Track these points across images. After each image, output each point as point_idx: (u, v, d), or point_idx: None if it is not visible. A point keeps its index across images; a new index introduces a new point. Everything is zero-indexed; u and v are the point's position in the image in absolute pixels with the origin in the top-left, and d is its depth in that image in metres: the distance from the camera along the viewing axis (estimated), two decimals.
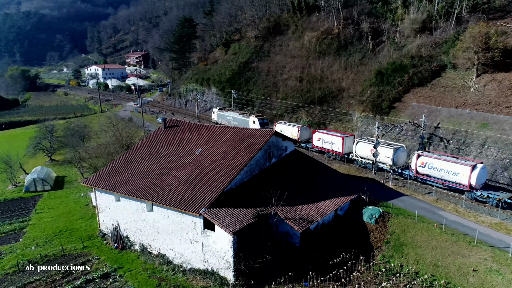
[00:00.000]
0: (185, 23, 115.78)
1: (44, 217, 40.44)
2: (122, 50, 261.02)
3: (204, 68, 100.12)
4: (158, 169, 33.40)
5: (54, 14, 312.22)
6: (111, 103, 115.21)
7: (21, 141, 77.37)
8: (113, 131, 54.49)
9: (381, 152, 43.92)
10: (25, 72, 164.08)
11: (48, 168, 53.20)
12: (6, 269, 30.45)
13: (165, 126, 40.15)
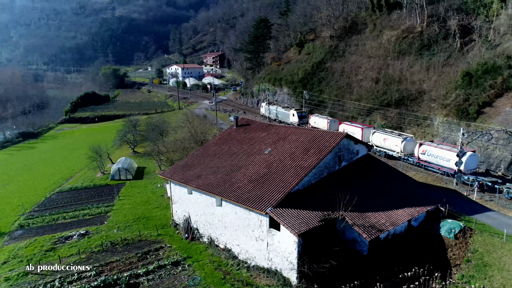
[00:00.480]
0: (261, 23, 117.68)
1: (126, 203, 44.20)
2: (201, 51, 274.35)
3: (277, 68, 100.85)
4: (228, 166, 34.43)
5: (142, 17, 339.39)
6: (188, 101, 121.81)
7: (110, 133, 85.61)
8: (189, 127, 57.55)
9: (391, 141, 49.62)
10: (115, 71, 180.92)
11: (131, 159, 58.06)
12: (92, 247, 33.84)
13: (237, 124, 41.23)
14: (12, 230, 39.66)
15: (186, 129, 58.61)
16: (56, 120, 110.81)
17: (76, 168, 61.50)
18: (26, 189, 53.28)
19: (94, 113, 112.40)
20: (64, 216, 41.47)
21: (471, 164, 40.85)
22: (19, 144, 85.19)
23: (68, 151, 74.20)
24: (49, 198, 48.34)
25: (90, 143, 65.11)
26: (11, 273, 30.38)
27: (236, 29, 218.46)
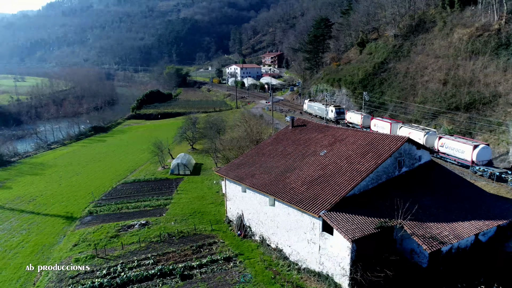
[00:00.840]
0: (321, 23, 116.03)
1: (183, 198, 46.10)
2: (260, 51, 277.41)
3: (336, 69, 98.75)
4: (282, 166, 34.38)
5: (205, 19, 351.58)
6: (246, 100, 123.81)
7: (171, 129, 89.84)
8: (245, 126, 58.42)
9: (415, 135, 52.34)
10: (178, 70, 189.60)
11: (189, 155, 60.44)
12: (151, 237, 35.78)
13: (293, 125, 41.01)
14: (82, 215, 43.27)
15: (242, 128, 59.62)
16: (123, 116, 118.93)
17: (140, 162, 65.46)
18: (95, 178, 57.83)
19: (158, 110, 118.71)
20: (128, 206, 44.31)
21: (483, 156, 45.64)
22: (91, 137, 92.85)
23: (133, 145, 79.26)
24: (115, 188, 51.99)
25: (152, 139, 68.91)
26: (80, 255, 33.16)
27: (296, 28, 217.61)
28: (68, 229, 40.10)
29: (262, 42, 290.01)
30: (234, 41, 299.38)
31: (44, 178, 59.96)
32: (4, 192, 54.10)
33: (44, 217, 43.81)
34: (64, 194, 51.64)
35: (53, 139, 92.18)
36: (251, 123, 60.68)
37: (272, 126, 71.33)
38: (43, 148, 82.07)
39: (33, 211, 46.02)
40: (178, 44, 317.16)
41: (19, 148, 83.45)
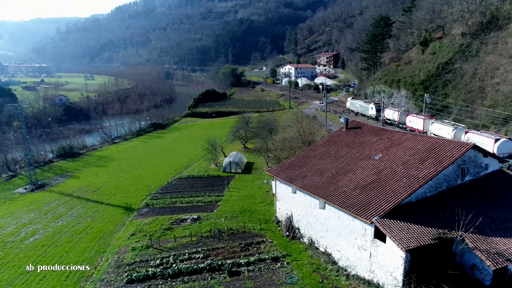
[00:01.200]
0: (380, 21, 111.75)
1: (233, 195, 46.94)
2: (315, 51, 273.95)
3: (395, 69, 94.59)
4: (335, 169, 33.63)
5: (261, 19, 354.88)
6: (299, 101, 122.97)
7: (225, 128, 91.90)
8: (298, 127, 57.99)
9: (444, 130, 58.67)
10: (233, 70, 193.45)
11: (241, 154, 61.39)
12: (202, 232, 36.88)
13: (347, 127, 39.94)
14: (140, 207, 45.79)
15: (294, 128, 59.27)
16: (180, 114, 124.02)
17: (194, 158, 67.80)
18: (153, 172, 60.92)
19: (212, 109, 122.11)
20: (181, 201, 46.09)
21: (504, 149, 48.88)
22: (151, 133, 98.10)
23: (188, 142, 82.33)
24: (170, 183, 54.34)
25: (206, 137, 71.01)
26: (136, 244, 35.12)
27: (354, 28, 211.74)
28: (127, 219, 42.66)
29: (317, 42, 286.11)
30: (289, 41, 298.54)
31: (107, 170, 64.40)
32: (73, 182, 58.95)
33: (106, 207, 47.02)
34: (125, 186, 55.03)
35: (117, 134, 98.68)
36: (303, 124, 60.07)
37: (325, 127, 70.08)
38: (108, 142, 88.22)
39: (97, 200, 49.60)
40: (234, 45, 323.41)
41: (87, 141, 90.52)
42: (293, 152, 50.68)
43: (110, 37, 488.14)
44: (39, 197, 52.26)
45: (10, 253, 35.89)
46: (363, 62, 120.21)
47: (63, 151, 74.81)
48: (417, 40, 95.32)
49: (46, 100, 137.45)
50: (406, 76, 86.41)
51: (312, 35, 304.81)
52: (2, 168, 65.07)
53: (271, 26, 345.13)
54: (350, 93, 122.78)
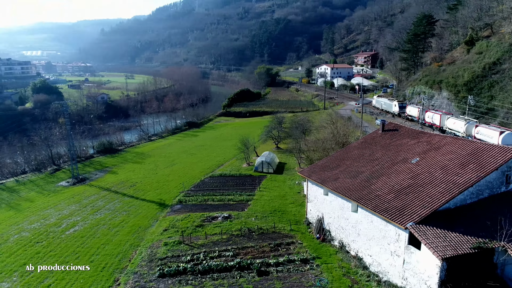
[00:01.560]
0: (423, 20, 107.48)
1: (265, 195, 46.93)
2: (352, 50, 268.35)
3: (437, 69, 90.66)
4: (369, 171, 32.72)
5: (298, 19, 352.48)
6: (334, 101, 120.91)
7: (258, 128, 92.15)
8: (332, 128, 57.02)
9: (458, 124, 64.07)
10: (268, 70, 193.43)
11: (273, 154, 61.26)
12: (232, 230, 37.16)
13: (383, 129, 38.74)
14: (173, 203, 46.89)
15: (328, 129, 58.33)
16: (215, 113, 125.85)
17: (227, 157, 68.49)
18: (187, 170, 62.21)
19: (246, 108, 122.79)
20: (213, 199, 46.71)
21: (509, 141, 51.80)
22: (186, 132, 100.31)
23: (221, 141, 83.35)
24: (203, 181, 55.23)
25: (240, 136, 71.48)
26: (169, 240, 36.00)
27: (394, 27, 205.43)
28: (160, 214, 43.82)
29: (355, 42, 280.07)
30: (326, 40, 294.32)
31: (143, 166, 66.55)
32: (111, 177, 61.43)
33: (141, 202, 48.57)
34: (159, 182, 56.61)
35: (153, 131, 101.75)
36: (338, 125, 59.01)
37: (361, 129, 68.37)
38: (144, 140, 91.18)
39: (133, 195, 51.37)
40: (270, 44, 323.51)
41: (125, 138, 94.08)
42: (326, 153, 49.95)
43: (150, 38, 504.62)
44: (79, 190, 54.93)
45: (52, 242, 37.97)
46: (403, 62, 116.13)
47: (103, 147, 78.20)
48: (462, 39, 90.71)
49: (89, 98, 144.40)
50: (449, 77, 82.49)
51: (350, 35, 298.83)
52: (48, 162, 69.07)
53: (308, 26, 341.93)
54: (388, 94, 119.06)
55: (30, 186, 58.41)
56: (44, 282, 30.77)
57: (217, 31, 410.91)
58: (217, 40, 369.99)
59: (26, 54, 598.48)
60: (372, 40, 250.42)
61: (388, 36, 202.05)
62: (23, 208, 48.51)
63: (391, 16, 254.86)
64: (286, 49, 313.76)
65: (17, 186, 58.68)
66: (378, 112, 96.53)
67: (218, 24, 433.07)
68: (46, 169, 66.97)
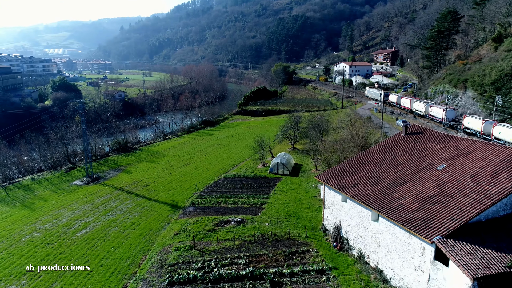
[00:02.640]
0: (447, 16, 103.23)
1: (279, 199, 45.29)
2: (371, 48, 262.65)
3: (461, 68, 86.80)
4: (391, 178, 30.66)
5: (316, 15, 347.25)
6: (352, 100, 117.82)
7: (273, 127, 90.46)
8: (350, 129, 54.80)
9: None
10: (285, 68, 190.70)
11: (289, 155, 59.46)
12: (245, 236, 35.71)
13: (406, 131, 36.48)
14: (186, 205, 45.80)
15: (347, 130, 56.09)
16: (230, 112, 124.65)
17: (242, 157, 67.09)
18: (201, 170, 61.12)
19: (262, 107, 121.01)
20: (226, 201, 45.37)
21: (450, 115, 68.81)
22: (201, 130, 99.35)
23: (236, 141, 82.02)
24: (217, 182, 53.98)
25: (255, 135, 70.06)
26: (180, 245, 34.85)
27: (415, 23, 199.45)
28: (172, 217, 42.79)
29: (375, 39, 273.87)
30: (344, 37, 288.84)
31: (157, 165, 65.86)
32: (125, 176, 60.94)
33: (154, 203, 47.70)
34: (173, 182, 55.69)
35: (169, 130, 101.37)
36: (357, 126, 56.67)
37: (381, 130, 65.77)
38: (160, 138, 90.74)
39: (146, 196, 50.59)
40: (288, 42, 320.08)
41: (141, 136, 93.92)
42: (344, 155, 47.90)
43: (168, 35, 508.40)
44: (93, 190, 54.57)
45: (63, 244, 37.40)
46: (425, 60, 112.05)
47: (118, 146, 78.01)
48: (490, 36, 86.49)
49: (107, 96, 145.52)
50: (475, 75, 78.68)
51: (369, 32, 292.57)
52: (64, 160, 69.25)
53: (326, 23, 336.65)
54: (409, 93, 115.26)
55: (45, 184, 58.47)
56: (52, 286, 30.08)
57: (235, 28, 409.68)
58: (234, 38, 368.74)
59: (48, 52, 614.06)
60: (392, 37, 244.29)
61: (409, 33, 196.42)
62: (36, 207, 48.36)
63: (413, 12, 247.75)
64: (304, 46, 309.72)
65: (32, 184, 58.85)
66: (399, 112, 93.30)
67: (236, 22, 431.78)
68: (62, 167, 67.11)
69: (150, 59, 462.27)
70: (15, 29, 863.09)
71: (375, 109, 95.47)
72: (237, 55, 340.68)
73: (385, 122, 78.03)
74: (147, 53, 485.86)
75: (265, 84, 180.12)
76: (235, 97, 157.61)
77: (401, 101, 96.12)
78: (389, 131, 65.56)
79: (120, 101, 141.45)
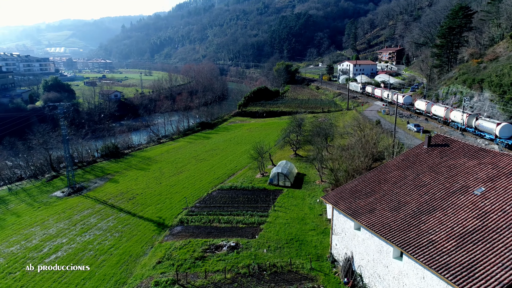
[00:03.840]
0: (459, 12, 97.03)
1: (280, 216, 39.70)
2: (376, 46, 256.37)
3: (476, 67, 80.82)
4: (415, 203, 25.02)
5: (319, 13, 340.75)
6: (358, 101, 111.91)
7: (275, 130, 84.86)
8: (359, 135, 49.15)
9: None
10: (288, 67, 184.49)
11: (291, 164, 53.80)
12: (239, 267, 30.21)
13: (430, 143, 30.79)
14: (173, 224, 40.32)
15: (356, 137, 50.39)
16: (230, 113, 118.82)
17: (239, 165, 61.48)
18: (194, 180, 55.58)
19: (263, 108, 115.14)
20: (219, 219, 39.85)
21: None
22: (198, 133, 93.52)
23: (235, 145, 76.37)
24: (211, 195, 48.42)
25: (254, 139, 64.55)
26: (161, 278, 29.37)
27: (421, 21, 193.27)
28: (157, 238, 37.34)
29: (379, 37, 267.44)
30: (348, 36, 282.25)
31: (147, 174, 60.38)
32: (111, 186, 55.50)
33: (138, 220, 42.26)
34: (162, 194, 50.24)
35: (164, 132, 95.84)
36: (366, 132, 51.01)
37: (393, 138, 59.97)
38: (153, 142, 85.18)
39: (130, 211, 45.15)
40: (290, 40, 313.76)
41: (134, 139, 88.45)
42: (353, 165, 42.28)
43: (170, 34, 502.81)
44: (73, 203, 49.17)
45: (26, 274, 31.98)
46: (435, 59, 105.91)
47: (108, 151, 72.54)
48: (507, 33, 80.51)
49: (102, 96, 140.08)
50: (492, 75, 72.69)
51: (373, 30, 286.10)
52: (46, 167, 63.89)
53: (330, 21, 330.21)
54: (417, 93, 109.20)
55: (22, 196, 53.13)
56: None
57: (236, 26, 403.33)
58: (236, 36, 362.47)
59: (50, 51, 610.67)
60: (397, 35, 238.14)
61: (415, 31, 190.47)
62: (6, 225, 43.03)
63: (418, 9, 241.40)
64: (306, 45, 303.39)
65: (8, 196, 53.51)
66: (408, 114, 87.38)
67: (238, 20, 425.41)
68: (44, 175, 61.72)
69: (151, 58, 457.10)
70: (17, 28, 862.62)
71: (383, 111, 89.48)
72: (239, 53, 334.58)
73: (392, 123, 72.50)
74: (148, 51, 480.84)
75: (266, 83, 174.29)
76: (235, 97, 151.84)
77: (374, 92, 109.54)
78: (400, 136, 59.61)
79: (115, 102, 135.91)
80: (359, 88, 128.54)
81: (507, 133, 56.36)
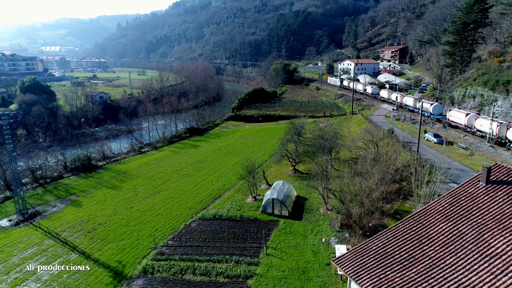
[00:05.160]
0: (474, 6, 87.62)
1: (274, 265, 30.15)
2: (377, 44, 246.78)
3: (498, 66, 71.61)
4: (485, 284, 15.57)
5: (318, 11, 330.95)
6: (362, 103, 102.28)
7: (271, 137, 75.55)
8: (374, 152, 39.62)
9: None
10: (286, 66, 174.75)
11: (289, 185, 44.20)
12: None
13: (488, 178, 21.29)
14: (134, 275, 30.76)
15: (370, 153, 40.78)
16: (222, 117, 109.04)
17: (228, 183, 51.83)
18: (172, 204, 46.05)
19: (259, 111, 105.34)
20: (195, 268, 30.30)
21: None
22: (185, 141, 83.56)
23: (225, 156, 66.76)
24: (188, 227, 38.87)
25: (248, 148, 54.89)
26: None
27: (425, 18, 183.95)
28: None
29: (381, 35, 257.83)
30: (348, 34, 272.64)
31: (119, 194, 50.73)
32: (72, 212, 45.87)
33: (92, 266, 32.69)
34: (130, 225, 40.66)
35: (149, 139, 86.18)
36: (381, 146, 41.52)
37: (417, 152, 50.38)
38: (134, 151, 75.39)
39: (85, 250, 35.56)
40: (289, 39, 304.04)
41: (113, 148, 78.74)
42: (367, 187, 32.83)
43: (166, 32, 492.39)
44: (18, 237, 39.56)
45: None
46: (447, 58, 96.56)
47: (79, 163, 62.90)
48: None
49: (86, 98, 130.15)
50: None
51: (374, 27, 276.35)
52: (2, 186, 54.21)
53: (329, 18, 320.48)
54: (428, 95, 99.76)
55: None
56: None
57: (234, 25, 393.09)
58: (233, 34, 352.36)
59: (44, 50, 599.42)
60: (399, 33, 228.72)
61: (419, 28, 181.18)
62: None
63: (421, 6, 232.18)
64: (305, 43, 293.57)
65: None
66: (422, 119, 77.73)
67: (235, 18, 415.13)
68: None
69: (147, 57, 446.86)
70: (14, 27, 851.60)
71: (393, 116, 79.86)
72: (236, 52, 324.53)
73: (406, 132, 63.07)
74: (144, 50, 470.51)
75: (264, 83, 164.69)
76: (229, 99, 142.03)
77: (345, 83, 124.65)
78: (420, 151, 49.86)
79: (100, 104, 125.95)
80: (338, 82, 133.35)
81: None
